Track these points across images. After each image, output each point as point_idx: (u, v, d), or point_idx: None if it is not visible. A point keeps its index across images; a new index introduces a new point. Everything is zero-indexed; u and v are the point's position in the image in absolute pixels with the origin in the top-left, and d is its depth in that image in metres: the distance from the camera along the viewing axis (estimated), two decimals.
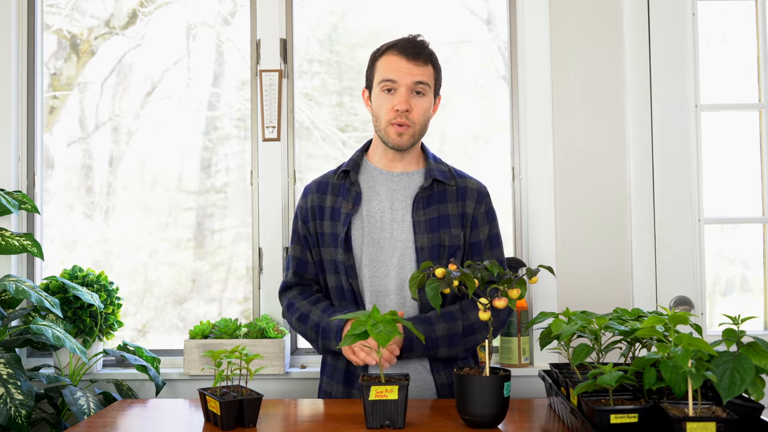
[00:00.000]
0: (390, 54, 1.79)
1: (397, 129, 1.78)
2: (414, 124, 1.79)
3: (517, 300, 1.45)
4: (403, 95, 1.76)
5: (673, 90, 2.33)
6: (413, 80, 1.76)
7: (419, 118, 1.79)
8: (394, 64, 1.77)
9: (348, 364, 1.80)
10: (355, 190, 1.83)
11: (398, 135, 1.79)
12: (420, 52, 1.78)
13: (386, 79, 1.78)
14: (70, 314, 2.20)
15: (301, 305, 1.83)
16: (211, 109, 2.56)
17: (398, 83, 1.77)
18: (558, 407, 1.53)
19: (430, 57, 1.81)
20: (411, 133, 1.79)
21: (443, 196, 1.84)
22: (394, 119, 1.78)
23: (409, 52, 1.77)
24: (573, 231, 2.35)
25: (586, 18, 2.38)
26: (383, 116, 1.80)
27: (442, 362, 1.79)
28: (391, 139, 1.80)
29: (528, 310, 2.33)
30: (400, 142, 1.79)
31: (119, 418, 1.60)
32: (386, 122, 1.79)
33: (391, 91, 1.78)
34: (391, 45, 1.81)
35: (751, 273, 2.43)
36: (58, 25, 2.56)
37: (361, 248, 1.80)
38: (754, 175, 2.38)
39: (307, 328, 1.81)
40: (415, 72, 1.77)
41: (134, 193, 2.55)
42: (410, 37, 1.81)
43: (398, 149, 1.81)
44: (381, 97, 1.80)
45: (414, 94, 1.78)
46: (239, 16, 2.55)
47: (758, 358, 1.19)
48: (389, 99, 1.78)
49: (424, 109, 1.80)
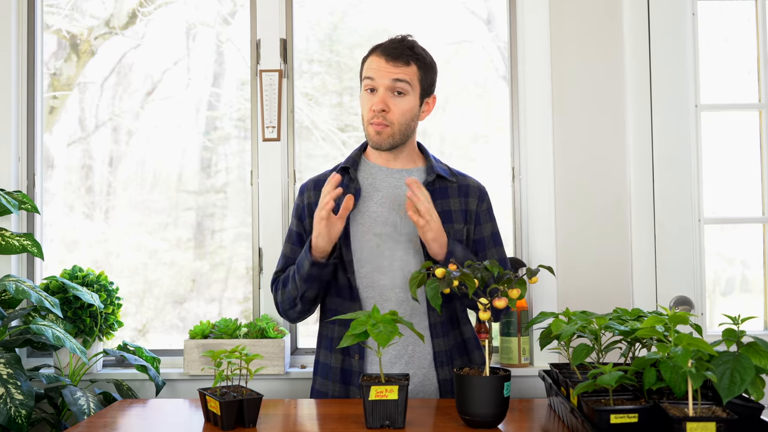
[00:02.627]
0: (373, 55, 1.82)
1: (375, 128, 1.80)
2: (392, 124, 1.79)
3: (517, 300, 1.45)
4: (379, 95, 1.78)
5: (673, 90, 2.33)
6: (391, 78, 1.77)
7: (398, 118, 1.80)
8: (374, 64, 1.80)
9: (343, 362, 1.79)
10: (354, 187, 1.84)
11: (376, 134, 1.81)
12: (401, 52, 1.78)
13: (366, 77, 1.81)
14: (70, 314, 2.20)
15: (283, 276, 1.87)
16: (211, 109, 2.56)
17: (377, 82, 1.79)
18: (558, 407, 1.53)
19: (415, 57, 1.80)
20: (389, 132, 1.80)
21: (445, 192, 1.86)
22: (372, 119, 1.80)
23: (389, 52, 1.79)
24: (573, 231, 2.35)
25: (586, 18, 2.38)
26: (365, 115, 1.83)
27: (445, 356, 1.80)
28: (370, 137, 1.82)
29: (528, 310, 2.33)
30: (379, 140, 1.81)
31: (119, 418, 1.60)
32: (366, 121, 1.82)
33: (372, 91, 1.80)
34: (377, 46, 1.83)
35: (751, 273, 2.43)
36: (58, 25, 2.56)
37: (361, 243, 1.80)
38: (754, 175, 2.38)
39: (289, 284, 1.80)
40: (394, 71, 1.78)
41: (134, 193, 2.55)
42: (396, 38, 1.83)
43: (377, 148, 1.83)
44: (364, 97, 1.83)
45: (394, 94, 1.79)
46: (239, 16, 2.55)
47: (758, 358, 1.19)
48: (369, 99, 1.81)
49: (404, 110, 1.80)
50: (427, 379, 1.79)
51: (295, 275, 1.78)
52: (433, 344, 1.80)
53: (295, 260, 1.86)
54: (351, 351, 1.78)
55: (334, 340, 1.81)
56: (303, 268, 1.75)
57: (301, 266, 1.76)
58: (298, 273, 1.76)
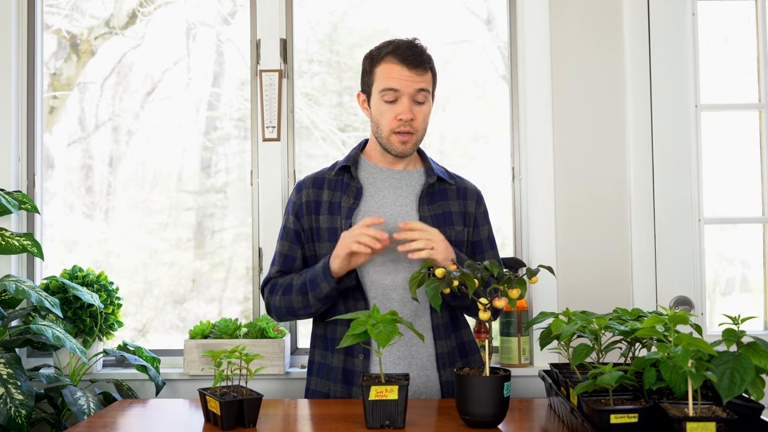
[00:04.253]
0: (390, 62, 1.77)
1: (402, 138, 1.78)
2: (416, 131, 1.80)
3: (517, 300, 1.45)
4: (406, 104, 1.76)
5: (673, 90, 2.33)
6: (416, 88, 1.76)
7: (421, 125, 1.81)
8: (395, 72, 1.76)
9: (345, 362, 1.78)
10: (355, 186, 1.83)
11: (402, 143, 1.79)
12: (420, 60, 1.76)
13: (388, 88, 1.76)
14: (70, 314, 2.20)
15: (283, 281, 1.81)
16: (211, 109, 2.56)
17: (401, 92, 1.76)
18: (558, 407, 1.53)
19: (429, 62, 1.80)
20: (414, 140, 1.81)
21: (445, 194, 1.87)
22: (397, 128, 1.77)
23: (410, 60, 1.75)
24: (573, 231, 2.35)
25: (586, 18, 2.38)
26: (385, 125, 1.79)
27: (447, 357, 1.80)
28: (395, 147, 1.80)
29: (528, 310, 2.33)
30: (404, 149, 1.80)
31: (119, 418, 1.60)
32: (389, 131, 1.79)
33: (393, 101, 1.77)
34: (390, 51, 1.78)
35: (751, 273, 2.43)
36: (58, 25, 2.56)
37: None
38: (754, 175, 2.38)
39: (294, 295, 1.77)
40: (417, 81, 1.76)
41: (134, 193, 2.55)
42: (408, 42, 1.79)
43: (402, 156, 1.83)
44: (382, 105, 1.79)
45: (416, 102, 1.78)
46: (239, 16, 2.55)
47: (758, 358, 1.19)
48: (392, 108, 1.77)
49: (426, 115, 1.81)
50: (430, 381, 1.79)
51: (308, 293, 1.74)
52: (435, 346, 1.80)
53: (293, 257, 1.85)
54: (355, 351, 1.77)
55: (336, 341, 1.80)
56: (321, 290, 1.72)
57: (316, 286, 1.72)
58: (313, 292, 1.73)
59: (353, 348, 1.77)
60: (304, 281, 1.76)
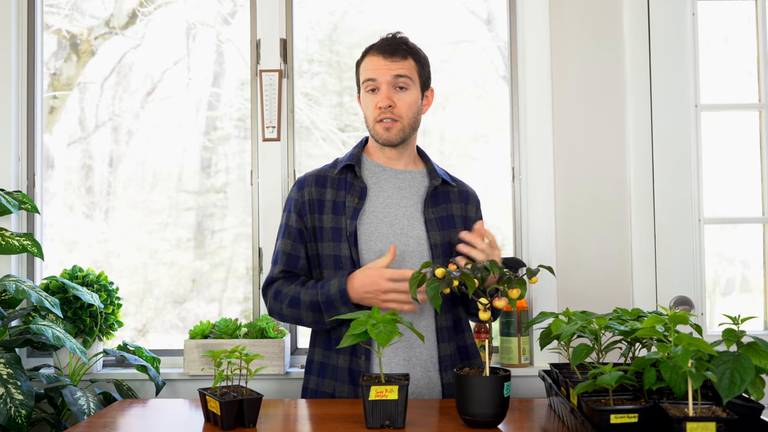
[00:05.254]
0: (370, 55, 1.84)
1: (384, 125, 1.81)
2: (401, 118, 1.81)
3: (517, 300, 1.45)
4: (384, 92, 1.80)
5: (673, 90, 2.33)
6: (392, 74, 1.80)
7: (405, 111, 1.82)
8: (373, 63, 1.82)
9: (351, 362, 1.77)
10: (359, 185, 1.83)
11: (386, 130, 1.81)
12: (396, 48, 1.81)
13: (367, 78, 1.83)
14: (70, 314, 2.20)
15: (289, 290, 1.79)
16: (211, 109, 2.56)
17: (379, 81, 1.81)
18: (558, 407, 1.53)
19: (410, 51, 1.83)
20: (399, 127, 1.82)
21: (447, 197, 1.88)
22: (379, 117, 1.81)
23: (386, 49, 1.81)
24: (573, 231, 2.35)
25: (585, 18, 2.38)
26: (370, 116, 1.84)
27: (449, 360, 1.80)
28: (380, 135, 1.83)
29: (528, 310, 2.33)
30: (389, 136, 1.82)
31: (119, 418, 1.60)
32: (373, 121, 1.83)
33: (374, 91, 1.82)
34: (371, 46, 1.85)
35: (751, 273, 2.43)
36: (58, 25, 2.56)
37: (368, 243, 1.79)
38: (754, 175, 2.38)
39: (303, 310, 1.76)
40: (393, 68, 1.80)
41: (134, 193, 2.55)
42: (388, 36, 1.85)
43: (388, 144, 1.84)
44: (366, 97, 1.85)
45: (396, 89, 1.81)
46: (239, 16, 2.55)
47: (758, 358, 1.19)
48: (373, 98, 1.83)
49: (409, 103, 1.82)
50: (432, 383, 1.79)
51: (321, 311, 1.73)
52: (438, 348, 1.79)
53: (296, 256, 1.84)
54: (358, 351, 1.77)
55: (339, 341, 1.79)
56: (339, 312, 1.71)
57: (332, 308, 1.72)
58: (328, 312, 1.72)
59: (356, 348, 1.77)
60: (315, 300, 1.74)
